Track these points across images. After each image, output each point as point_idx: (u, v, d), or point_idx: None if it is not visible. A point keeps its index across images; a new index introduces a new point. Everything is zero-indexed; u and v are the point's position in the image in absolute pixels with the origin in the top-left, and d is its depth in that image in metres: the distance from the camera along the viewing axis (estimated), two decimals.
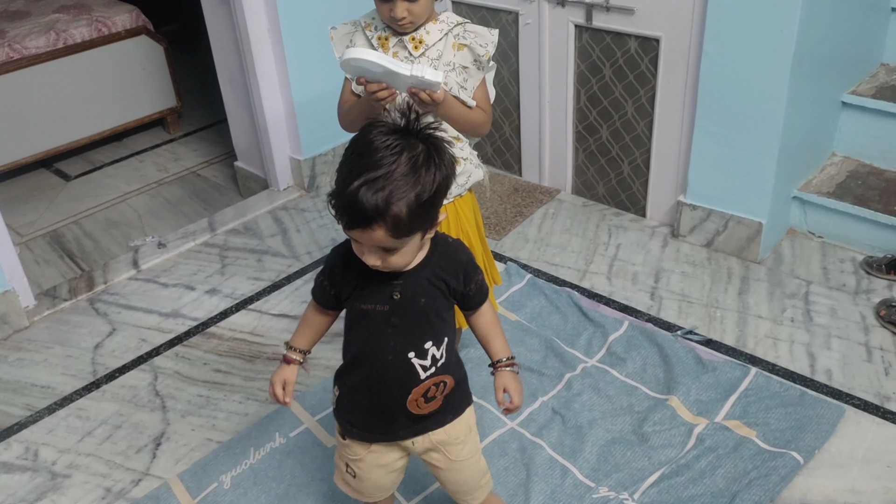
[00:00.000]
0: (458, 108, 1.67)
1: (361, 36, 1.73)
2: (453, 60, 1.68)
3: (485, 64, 1.69)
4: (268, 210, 3.12)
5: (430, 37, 1.68)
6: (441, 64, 1.67)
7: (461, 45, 1.68)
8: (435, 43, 1.68)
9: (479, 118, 1.73)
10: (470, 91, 1.71)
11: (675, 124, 2.65)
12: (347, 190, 1.14)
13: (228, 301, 2.62)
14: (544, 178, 3.14)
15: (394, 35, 1.69)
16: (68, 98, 3.65)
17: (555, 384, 2.16)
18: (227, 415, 2.16)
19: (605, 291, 2.53)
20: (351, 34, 1.74)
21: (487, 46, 1.68)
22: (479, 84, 1.72)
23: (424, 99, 1.54)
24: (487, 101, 1.75)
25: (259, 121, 3.10)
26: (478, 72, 1.70)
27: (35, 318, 2.58)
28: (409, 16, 1.62)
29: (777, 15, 2.23)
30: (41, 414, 2.21)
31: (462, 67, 1.69)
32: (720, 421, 2.00)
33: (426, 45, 1.68)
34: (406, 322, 1.34)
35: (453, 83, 1.68)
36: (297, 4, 2.88)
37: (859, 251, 2.58)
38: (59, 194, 3.58)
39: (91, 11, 3.78)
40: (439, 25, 1.68)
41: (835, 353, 2.21)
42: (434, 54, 1.68)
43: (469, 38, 1.68)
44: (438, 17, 1.70)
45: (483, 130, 1.78)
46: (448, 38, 1.68)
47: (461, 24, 1.70)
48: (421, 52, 1.68)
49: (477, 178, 1.83)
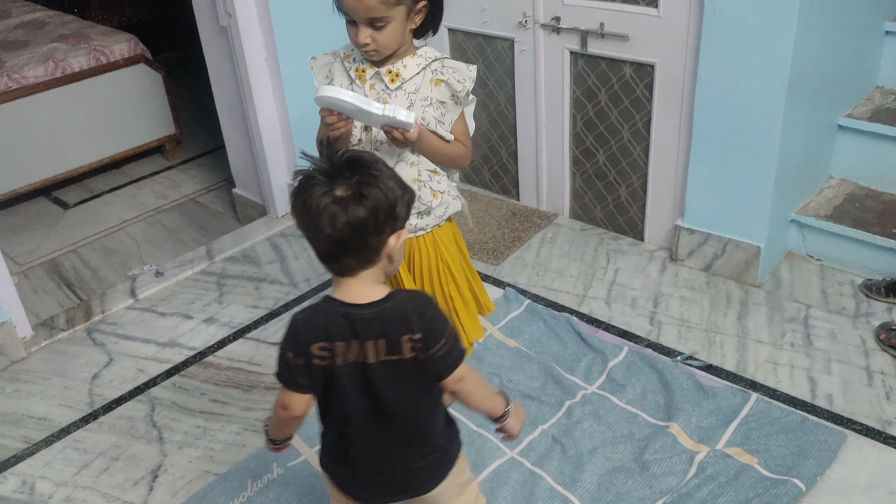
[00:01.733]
0: (435, 143, 1.68)
1: (340, 67, 1.74)
2: (430, 95, 1.68)
3: (462, 99, 1.69)
4: (266, 237, 3.12)
5: (407, 70, 1.68)
6: (418, 98, 1.67)
7: (439, 80, 1.68)
8: (412, 77, 1.68)
9: (458, 152, 1.74)
10: (448, 125, 1.71)
11: (671, 149, 2.66)
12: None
13: (226, 330, 2.61)
14: (542, 203, 3.14)
15: (371, 67, 1.69)
16: (67, 127, 3.66)
17: (555, 412, 2.14)
18: (225, 446, 2.14)
19: (604, 316, 2.52)
20: (330, 65, 1.75)
21: (465, 82, 1.67)
22: (457, 118, 1.72)
23: (398, 137, 1.55)
24: (466, 135, 1.76)
25: (257, 147, 3.11)
26: (455, 106, 1.70)
27: (32, 349, 2.57)
28: (372, 43, 1.60)
29: (771, 40, 2.24)
30: (38, 446, 2.20)
31: (439, 102, 1.69)
32: (721, 448, 1.98)
33: (403, 78, 1.68)
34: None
35: (431, 118, 1.68)
36: (294, 33, 2.90)
37: (858, 274, 2.58)
38: (58, 223, 3.58)
39: (89, 41, 3.80)
40: (417, 60, 1.68)
41: (835, 377, 2.20)
42: (411, 88, 1.68)
43: (447, 74, 1.67)
44: (417, 52, 1.70)
45: (463, 163, 1.78)
46: (426, 73, 1.68)
47: (439, 60, 1.70)
48: (397, 85, 1.67)
49: (455, 209, 1.84)
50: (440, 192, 1.78)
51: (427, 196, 1.76)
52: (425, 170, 1.75)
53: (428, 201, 1.77)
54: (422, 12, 1.64)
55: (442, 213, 1.81)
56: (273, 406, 1.37)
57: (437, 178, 1.77)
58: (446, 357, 1.28)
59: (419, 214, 1.77)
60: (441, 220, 1.82)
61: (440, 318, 1.28)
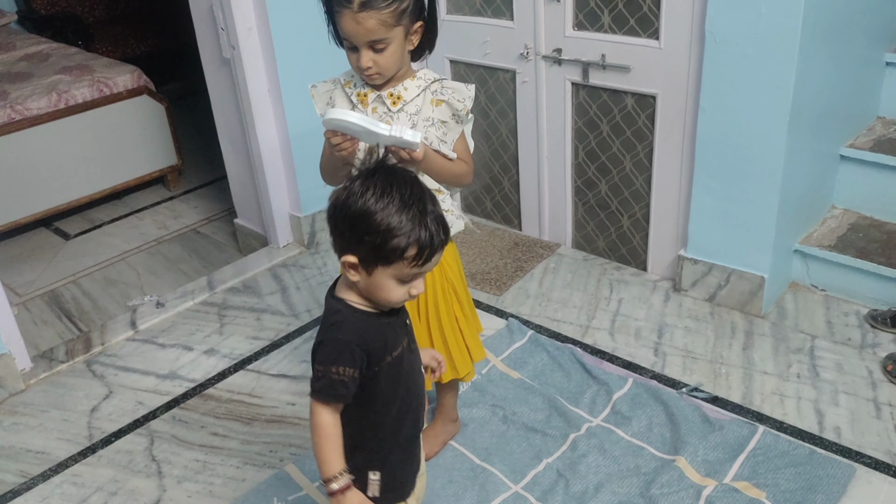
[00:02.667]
0: (439, 162, 1.70)
1: (341, 93, 1.77)
2: (432, 115, 1.72)
3: (463, 118, 1.72)
4: (267, 267, 3.11)
5: (408, 93, 1.71)
6: (420, 119, 1.71)
7: (440, 100, 1.71)
8: (413, 98, 1.71)
9: (461, 169, 1.76)
10: (450, 144, 1.74)
11: (673, 179, 2.66)
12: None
13: (227, 361, 2.59)
14: (544, 233, 3.13)
15: (372, 91, 1.72)
16: (69, 158, 3.67)
17: (559, 445, 2.12)
18: (225, 480, 2.11)
19: (608, 347, 2.50)
20: (331, 91, 1.79)
21: (465, 101, 1.71)
22: (458, 137, 1.75)
23: (404, 157, 1.57)
24: (468, 153, 1.79)
25: (258, 178, 3.11)
26: (456, 125, 1.74)
27: (31, 381, 2.55)
28: (374, 66, 1.63)
29: (773, 71, 2.25)
30: (35, 481, 2.17)
31: (441, 122, 1.72)
32: (729, 482, 1.95)
33: (404, 100, 1.71)
34: (413, 341, 1.43)
35: (433, 137, 1.71)
36: (297, 65, 2.91)
37: (863, 304, 2.56)
38: (58, 253, 3.57)
39: (93, 72, 3.82)
40: (417, 82, 1.72)
41: (843, 409, 2.18)
42: (412, 109, 1.71)
43: (447, 94, 1.71)
44: (416, 74, 1.73)
45: (465, 181, 1.80)
46: (426, 94, 1.72)
47: (438, 81, 1.73)
48: (399, 107, 1.71)
49: (458, 229, 1.86)
50: (445, 212, 1.78)
51: None
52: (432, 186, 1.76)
53: None
54: (418, 32, 1.68)
55: None
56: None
57: (441, 198, 1.78)
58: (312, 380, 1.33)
59: None
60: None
61: (326, 340, 1.32)
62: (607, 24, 2.61)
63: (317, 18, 3.09)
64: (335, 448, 1.32)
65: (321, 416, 1.32)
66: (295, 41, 2.88)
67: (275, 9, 2.79)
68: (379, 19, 1.57)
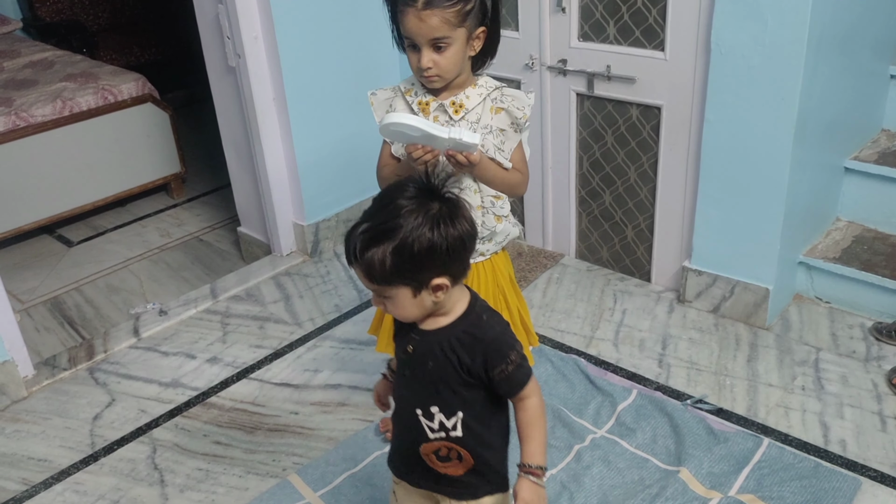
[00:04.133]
0: (493, 170, 1.70)
1: (401, 101, 1.76)
2: (491, 123, 1.71)
3: (522, 126, 1.72)
4: (270, 276, 3.11)
5: (470, 101, 1.71)
6: (479, 127, 1.70)
7: (499, 108, 1.71)
8: (474, 107, 1.71)
9: (516, 179, 1.76)
10: (507, 153, 1.73)
11: (678, 190, 2.66)
12: (351, 228, 1.25)
13: (229, 370, 2.58)
14: (548, 243, 3.13)
15: (434, 100, 1.72)
16: (73, 165, 3.67)
17: (563, 456, 2.11)
18: (227, 489, 2.10)
19: (613, 358, 2.49)
20: (391, 99, 1.78)
21: (525, 109, 1.71)
22: (516, 146, 1.74)
23: (461, 161, 1.57)
24: (524, 163, 1.78)
25: (262, 186, 3.11)
26: (515, 134, 1.73)
27: (34, 388, 2.54)
28: (434, 67, 1.63)
29: (778, 83, 2.25)
30: (37, 489, 2.16)
31: (500, 130, 1.72)
32: (734, 495, 1.94)
33: (466, 109, 1.71)
34: (415, 378, 1.34)
35: (490, 145, 1.71)
36: (302, 73, 2.92)
37: (868, 317, 2.56)
38: (61, 260, 3.57)
39: (98, 80, 3.83)
40: (478, 90, 1.72)
41: (848, 422, 2.17)
42: (473, 118, 1.72)
43: (507, 102, 1.71)
44: (477, 83, 1.73)
45: (520, 191, 1.81)
46: (486, 102, 1.72)
47: (499, 89, 1.74)
48: (461, 115, 1.71)
49: (514, 235, 1.88)
50: (503, 217, 1.82)
51: (491, 222, 1.80)
52: (488, 196, 1.78)
53: (492, 227, 1.81)
54: (480, 38, 1.68)
55: (502, 240, 1.85)
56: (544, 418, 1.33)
57: (499, 203, 1.81)
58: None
59: (481, 240, 1.79)
60: (499, 247, 1.86)
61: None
62: (613, 35, 2.62)
63: (323, 27, 3.11)
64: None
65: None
66: (301, 50, 2.89)
67: (281, 18, 2.79)
68: (443, 17, 1.58)
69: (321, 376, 2.51)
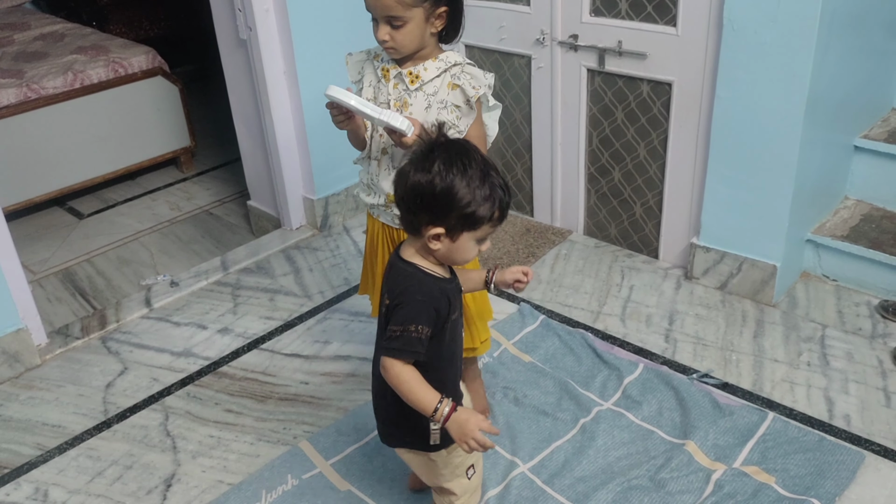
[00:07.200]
0: None
1: (370, 65, 1.82)
2: (446, 98, 1.74)
3: (475, 104, 1.74)
4: (280, 249, 3.13)
5: (427, 73, 1.74)
6: (435, 101, 1.73)
7: (454, 84, 1.74)
8: (431, 79, 1.74)
9: None
10: (464, 129, 1.76)
11: (687, 167, 2.66)
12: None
13: (240, 340, 2.61)
14: (556, 219, 3.14)
15: (395, 67, 1.76)
16: (83, 137, 3.69)
17: (569, 428, 2.13)
18: (239, 456, 2.14)
19: (619, 333, 2.51)
20: (362, 62, 1.84)
21: (479, 89, 1.72)
22: (472, 122, 1.77)
23: (396, 140, 1.67)
24: (481, 140, 1.81)
25: (273, 160, 3.12)
26: (470, 111, 1.75)
27: (47, 357, 2.58)
28: (390, 41, 1.68)
29: (790, 60, 2.25)
30: (52, 453, 2.19)
31: (454, 106, 1.74)
32: (738, 467, 1.97)
33: (422, 80, 1.74)
34: (459, 316, 1.55)
35: (446, 120, 1.74)
36: (313, 46, 2.92)
37: (874, 295, 2.57)
38: (72, 232, 3.59)
39: (108, 53, 3.84)
40: (437, 63, 1.74)
41: (852, 397, 2.19)
42: (430, 90, 1.74)
43: (463, 80, 1.73)
44: (439, 56, 1.75)
45: None
46: (445, 77, 1.74)
47: (459, 65, 1.75)
48: (417, 86, 1.74)
49: None
50: None
51: None
52: None
53: None
54: (442, 17, 1.70)
55: None
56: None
57: None
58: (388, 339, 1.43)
59: None
60: None
61: (405, 302, 1.42)
62: (624, 10, 2.61)
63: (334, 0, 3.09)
64: (425, 386, 1.42)
65: (402, 371, 1.42)
66: (312, 23, 2.89)
67: None
68: None
69: (331, 347, 2.54)
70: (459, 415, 1.41)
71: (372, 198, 1.87)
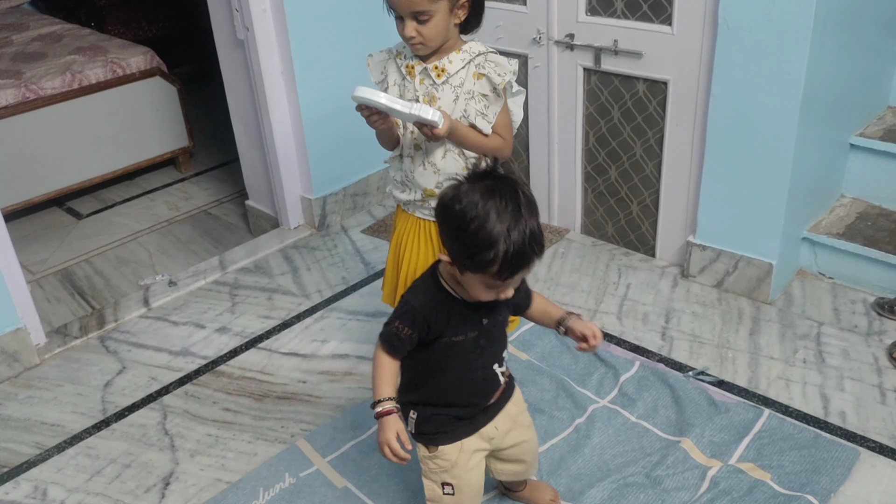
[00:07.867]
0: (471, 137, 1.76)
1: (393, 64, 1.82)
2: (473, 89, 1.75)
3: (502, 92, 1.75)
4: (278, 248, 3.14)
5: (453, 66, 1.75)
6: (462, 92, 1.74)
7: (480, 74, 1.74)
8: (457, 71, 1.75)
9: (495, 144, 1.80)
10: (491, 117, 1.77)
11: (683, 165, 2.67)
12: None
13: (238, 339, 2.62)
14: (553, 218, 3.15)
15: (420, 63, 1.76)
16: (82, 138, 3.69)
17: (566, 426, 2.14)
18: (237, 454, 2.15)
19: (616, 331, 2.52)
20: (385, 62, 1.84)
21: (505, 76, 1.73)
22: (500, 110, 1.77)
23: (427, 133, 1.67)
24: (507, 128, 1.81)
25: (271, 160, 3.13)
26: (497, 99, 1.76)
27: (46, 356, 2.59)
28: (418, 36, 1.68)
29: (785, 58, 2.26)
30: (50, 452, 2.20)
31: (482, 95, 1.75)
32: (734, 463, 1.98)
33: (448, 73, 1.75)
34: (491, 341, 1.54)
35: (473, 111, 1.75)
36: (310, 47, 2.93)
37: (870, 292, 2.58)
38: (71, 233, 3.60)
39: (107, 53, 3.84)
40: (462, 55, 1.76)
41: (848, 395, 2.20)
42: (457, 82, 1.75)
43: (488, 68, 1.74)
44: (462, 48, 1.76)
45: (503, 154, 1.83)
46: (470, 68, 1.75)
47: (483, 54, 1.76)
48: (444, 80, 1.75)
49: None
50: None
51: None
52: (471, 159, 1.81)
53: None
54: (465, 7, 1.71)
55: None
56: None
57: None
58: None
59: None
60: None
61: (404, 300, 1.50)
62: (620, 9, 2.62)
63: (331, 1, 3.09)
64: (387, 381, 1.50)
65: (380, 356, 1.51)
66: (309, 23, 2.90)
67: None
68: None
69: (328, 346, 2.54)
70: (387, 420, 1.47)
71: (407, 194, 1.88)
